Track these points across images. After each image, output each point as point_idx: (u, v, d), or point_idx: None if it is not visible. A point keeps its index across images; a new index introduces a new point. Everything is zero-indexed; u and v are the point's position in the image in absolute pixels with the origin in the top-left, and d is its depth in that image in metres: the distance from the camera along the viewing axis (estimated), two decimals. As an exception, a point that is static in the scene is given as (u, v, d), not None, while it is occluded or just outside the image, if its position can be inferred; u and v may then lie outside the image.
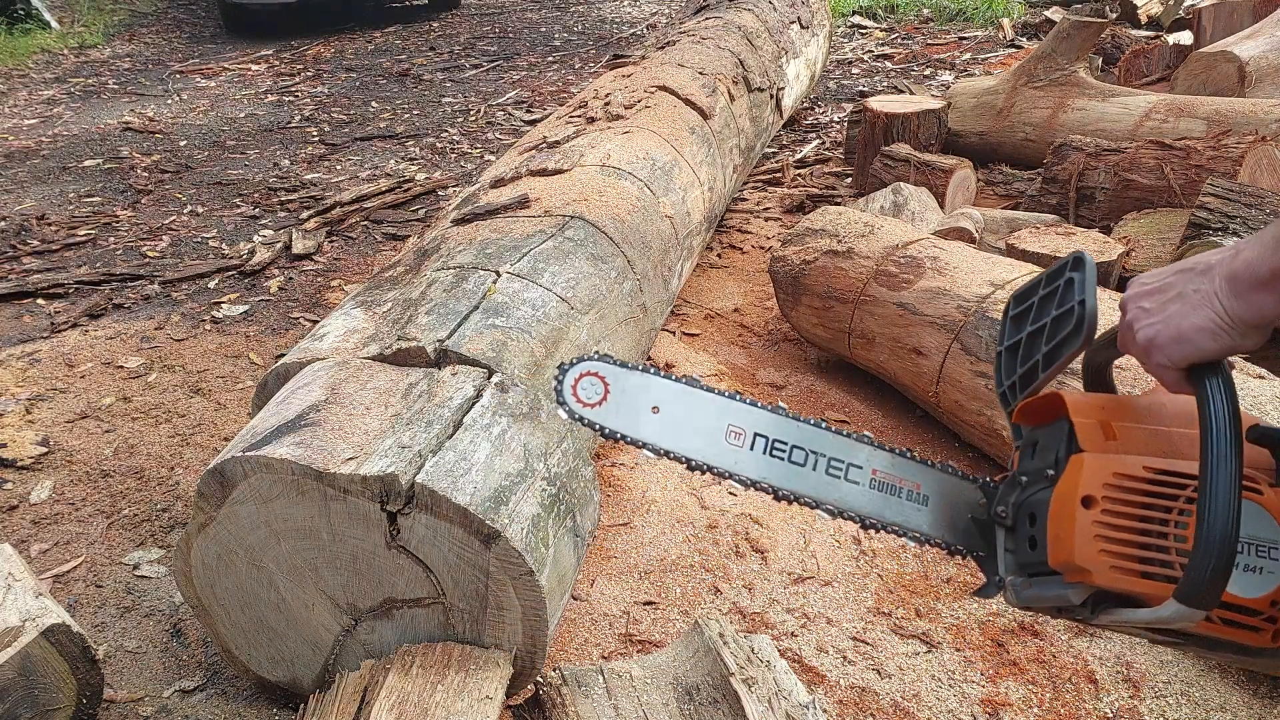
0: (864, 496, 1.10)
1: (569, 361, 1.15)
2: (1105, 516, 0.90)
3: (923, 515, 1.10)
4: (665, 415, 1.12)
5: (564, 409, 1.14)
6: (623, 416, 1.13)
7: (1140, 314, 0.90)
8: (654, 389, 1.13)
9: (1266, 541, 0.89)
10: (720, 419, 1.12)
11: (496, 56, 7.99)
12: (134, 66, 8.05)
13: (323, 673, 1.68)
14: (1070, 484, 0.92)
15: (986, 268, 2.56)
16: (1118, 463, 0.91)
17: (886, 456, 1.12)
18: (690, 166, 3.09)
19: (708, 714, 1.51)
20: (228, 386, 2.97)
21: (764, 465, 1.11)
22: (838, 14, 8.55)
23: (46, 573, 2.15)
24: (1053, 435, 0.99)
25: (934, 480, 1.11)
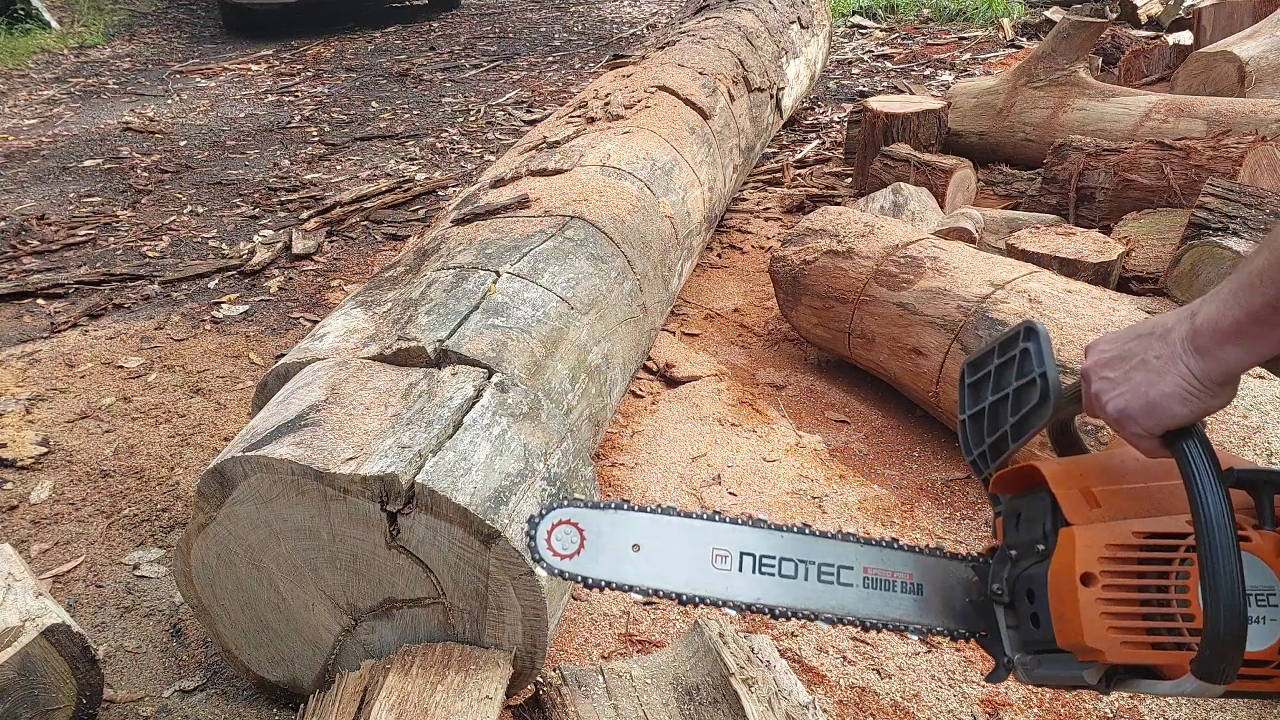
0: (859, 597, 1.07)
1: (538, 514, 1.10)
2: (1107, 592, 0.89)
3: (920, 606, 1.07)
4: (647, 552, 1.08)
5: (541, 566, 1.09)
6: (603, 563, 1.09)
7: (1105, 385, 0.89)
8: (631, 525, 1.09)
9: (1264, 589, 0.87)
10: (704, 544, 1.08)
11: (496, 56, 7.99)
12: (134, 66, 8.05)
13: (323, 673, 1.68)
14: (1065, 562, 0.91)
15: (986, 268, 2.56)
16: (1108, 533, 0.90)
17: (874, 551, 1.09)
18: (690, 166, 3.09)
19: (708, 714, 1.51)
20: (228, 386, 2.97)
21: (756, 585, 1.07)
22: (838, 14, 8.55)
23: (46, 573, 2.15)
24: (1035, 507, 0.98)
25: (924, 567, 1.08)
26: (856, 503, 2.34)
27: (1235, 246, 2.61)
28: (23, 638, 1.54)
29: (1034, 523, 0.98)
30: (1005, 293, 2.42)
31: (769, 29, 4.70)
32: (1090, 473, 0.95)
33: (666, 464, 2.48)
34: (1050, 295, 2.37)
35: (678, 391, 2.84)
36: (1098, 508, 0.93)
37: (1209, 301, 0.82)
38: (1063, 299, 2.34)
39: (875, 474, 2.49)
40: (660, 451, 2.54)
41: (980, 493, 2.39)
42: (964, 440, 1.07)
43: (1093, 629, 0.89)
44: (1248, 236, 2.77)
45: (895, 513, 2.32)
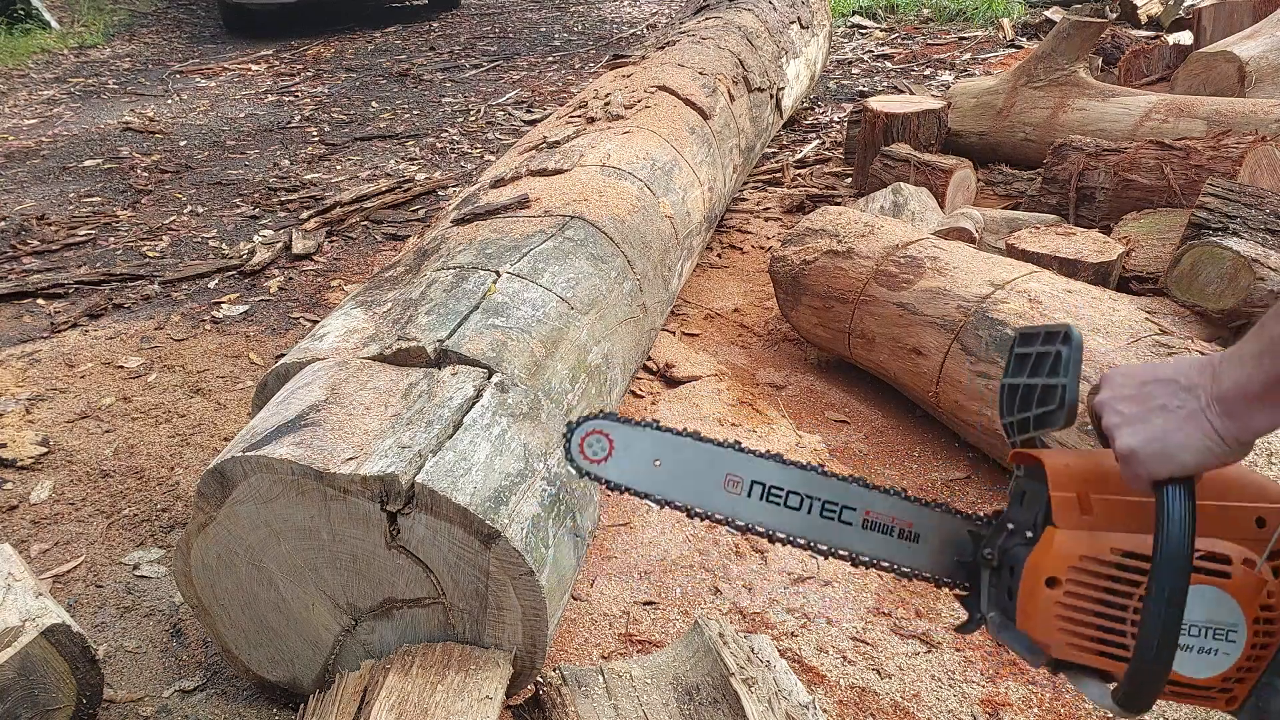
0: (856, 535, 1.14)
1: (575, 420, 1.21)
2: (1067, 598, 0.94)
3: (912, 552, 1.13)
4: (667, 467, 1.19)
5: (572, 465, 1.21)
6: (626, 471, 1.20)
7: (1121, 420, 0.90)
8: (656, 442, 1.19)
9: (1226, 625, 0.91)
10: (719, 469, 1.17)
11: (496, 56, 7.99)
12: (134, 66, 8.05)
13: (323, 673, 1.68)
14: (1038, 560, 0.96)
15: (986, 268, 2.56)
16: (1086, 544, 0.94)
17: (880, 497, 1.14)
18: (690, 166, 3.09)
19: (708, 714, 1.51)
20: (228, 386, 2.97)
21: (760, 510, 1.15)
22: (838, 14, 8.55)
23: (46, 573, 2.15)
24: (1036, 494, 1.02)
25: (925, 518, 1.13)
26: (856, 503, 2.34)
27: (1235, 246, 2.62)
28: (23, 638, 1.54)
29: (1031, 509, 1.02)
30: (1005, 293, 2.42)
31: (769, 29, 4.71)
32: (1095, 478, 0.97)
33: (666, 464, 2.48)
34: (1050, 295, 2.37)
35: (678, 391, 2.84)
36: (1088, 515, 0.96)
37: (1234, 364, 0.83)
38: (1063, 299, 2.34)
39: (875, 474, 2.49)
40: (660, 451, 2.54)
41: (980, 494, 2.39)
42: (1000, 405, 1.11)
43: (1044, 627, 0.95)
44: (1248, 236, 2.77)
45: (895, 513, 2.31)
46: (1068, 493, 0.97)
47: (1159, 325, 2.23)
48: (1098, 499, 0.96)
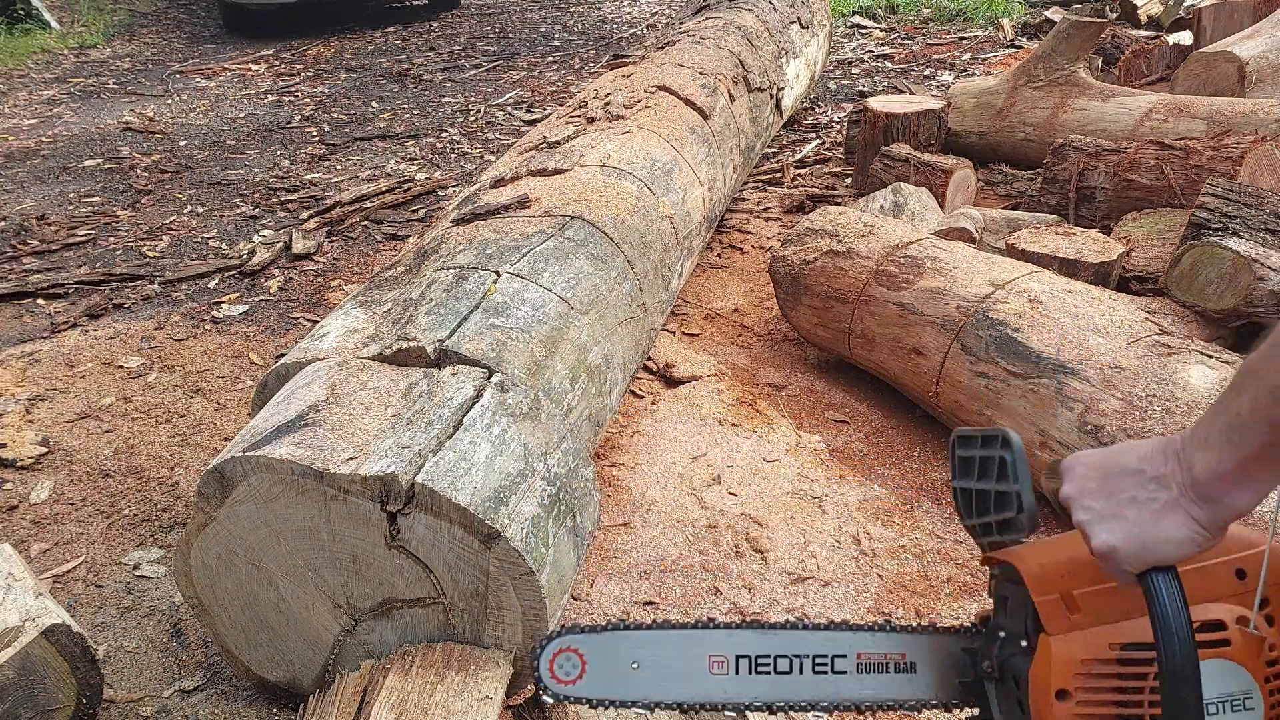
0: (854, 683, 1.09)
1: (539, 642, 1.14)
2: (1080, 708, 0.91)
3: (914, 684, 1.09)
4: (646, 668, 1.11)
5: (546, 694, 1.13)
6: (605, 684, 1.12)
7: (1092, 517, 0.87)
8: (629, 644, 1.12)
9: (1240, 694, 0.89)
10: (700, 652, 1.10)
11: (496, 56, 7.99)
12: (134, 66, 8.05)
13: (323, 673, 1.68)
14: (1042, 674, 0.93)
15: (986, 268, 2.56)
16: (1084, 645, 0.91)
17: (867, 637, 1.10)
18: (690, 166, 3.09)
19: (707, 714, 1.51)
20: (228, 386, 2.97)
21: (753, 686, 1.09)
22: (838, 14, 8.55)
23: (46, 573, 2.15)
24: (1019, 599, 0.99)
25: (916, 645, 1.10)
26: (856, 503, 2.34)
27: (1235, 246, 2.62)
28: (23, 638, 1.54)
29: (1018, 615, 0.99)
30: (1005, 293, 2.42)
31: (769, 29, 4.70)
32: (1073, 571, 0.95)
33: (666, 464, 2.48)
34: (1050, 295, 2.37)
35: (678, 391, 2.84)
36: (1077, 613, 0.93)
37: (1201, 446, 0.80)
38: (1063, 299, 2.34)
39: (875, 474, 2.49)
40: (660, 451, 2.54)
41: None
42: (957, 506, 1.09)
43: None
44: (1248, 236, 2.77)
45: (895, 513, 2.32)
46: (1050, 595, 0.94)
47: (1159, 325, 2.23)
48: (1082, 594, 0.94)
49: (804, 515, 2.30)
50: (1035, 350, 2.24)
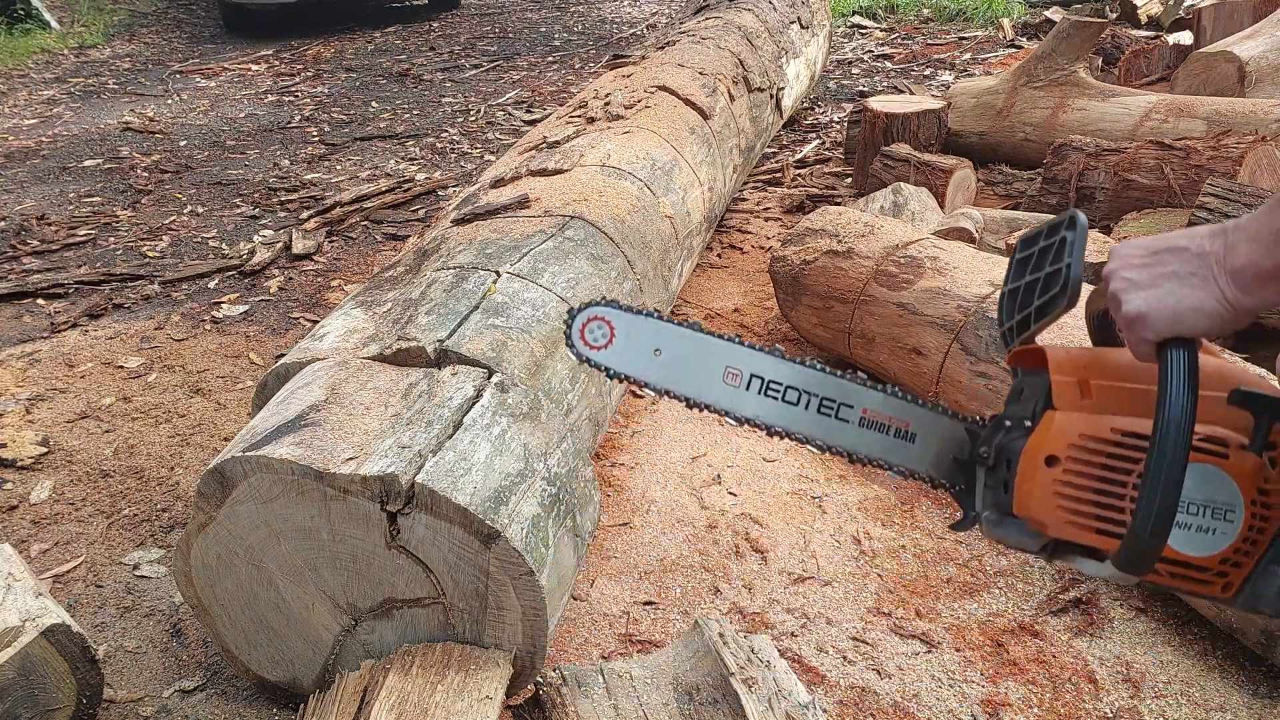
0: (853, 434, 1.16)
1: (578, 306, 1.23)
2: (1066, 476, 0.95)
3: (908, 452, 1.15)
4: (667, 357, 1.19)
5: (572, 350, 1.23)
6: (626, 360, 1.21)
7: (1127, 286, 0.90)
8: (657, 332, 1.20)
9: (1223, 505, 0.92)
10: (719, 361, 1.17)
11: (496, 56, 7.99)
12: (134, 66, 8.05)
13: (323, 673, 1.68)
14: (1038, 441, 0.97)
15: (986, 268, 2.56)
16: (1085, 423, 0.95)
17: (878, 396, 1.16)
18: (690, 166, 3.09)
19: (708, 714, 1.51)
20: (228, 386, 2.97)
21: (759, 404, 1.17)
22: (838, 14, 8.55)
23: (46, 573, 2.15)
24: (1035, 386, 1.03)
25: (922, 418, 1.15)
26: (856, 503, 2.34)
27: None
28: (23, 638, 1.54)
29: (1030, 401, 1.03)
30: (1005, 293, 2.42)
31: (769, 29, 4.70)
32: (1096, 366, 0.99)
33: (666, 464, 2.48)
34: (1050, 295, 2.36)
35: (678, 391, 2.84)
36: (1088, 399, 0.97)
37: (1249, 240, 0.85)
38: (1063, 299, 2.34)
39: (875, 474, 2.50)
40: (660, 451, 2.54)
41: (980, 493, 2.39)
42: (999, 314, 1.10)
43: (1043, 505, 0.97)
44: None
45: (895, 513, 2.32)
46: (1069, 378, 0.98)
47: (1159, 325, 2.23)
48: (1098, 384, 0.97)
49: (804, 515, 2.30)
50: (1035, 350, 2.24)
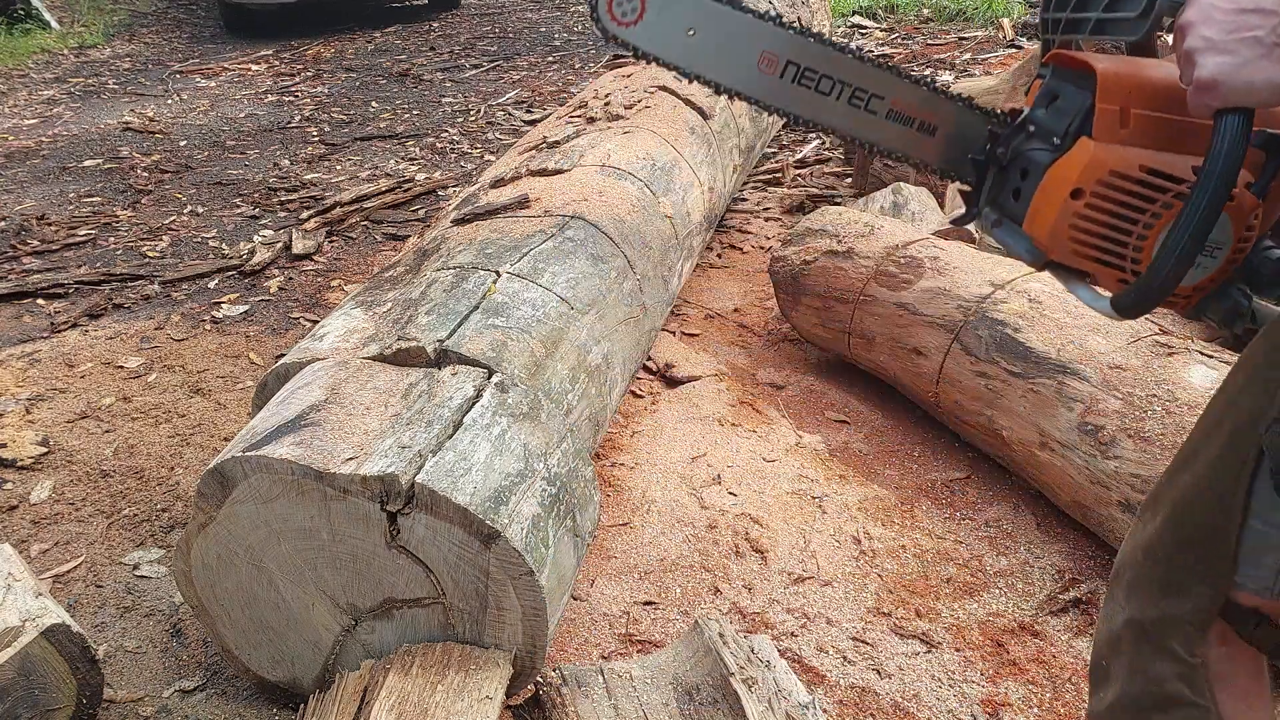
0: (878, 126, 1.16)
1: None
2: (1087, 210, 0.99)
3: (927, 144, 1.16)
4: (701, 37, 1.14)
5: (598, 26, 1.18)
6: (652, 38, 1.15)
7: (1205, 45, 0.84)
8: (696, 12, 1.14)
9: (1215, 244, 0.96)
10: (755, 45, 1.13)
11: (496, 56, 7.99)
12: (134, 66, 8.05)
13: (323, 673, 1.68)
14: (1069, 171, 0.99)
15: (986, 268, 2.56)
16: (1117, 158, 0.97)
17: (908, 87, 1.15)
18: (690, 166, 3.09)
19: (708, 714, 1.51)
20: (228, 386, 2.97)
21: (791, 93, 1.14)
22: (838, 14, 8.55)
23: (46, 573, 2.15)
24: (1073, 100, 1.00)
25: (946, 112, 1.15)
26: (857, 503, 2.34)
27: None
28: (23, 638, 1.54)
29: (1064, 114, 1.01)
30: (1005, 293, 2.42)
31: (769, 29, 4.70)
32: (1140, 89, 0.98)
33: (666, 464, 2.48)
34: (1050, 295, 2.37)
35: (678, 391, 2.85)
36: (1125, 129, 0.97)
37: None
38: (1063, 299, 2.34)
39: (875, 474, 2.50)
40: (660, 451, 2.54)
41: (980, 495, 2.39)
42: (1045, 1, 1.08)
43: (1054, 233, 1.00)
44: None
45: (895, 513, 2.32)
46: (1113, 105, 0.97)
47: (1159, 325, 2.23)
48: (1138, 114, 0.96)
49: (804, 515, 2.30)
50: (1035, 350, 2.24)
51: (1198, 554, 0.99)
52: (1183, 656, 1.00)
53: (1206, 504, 0.97)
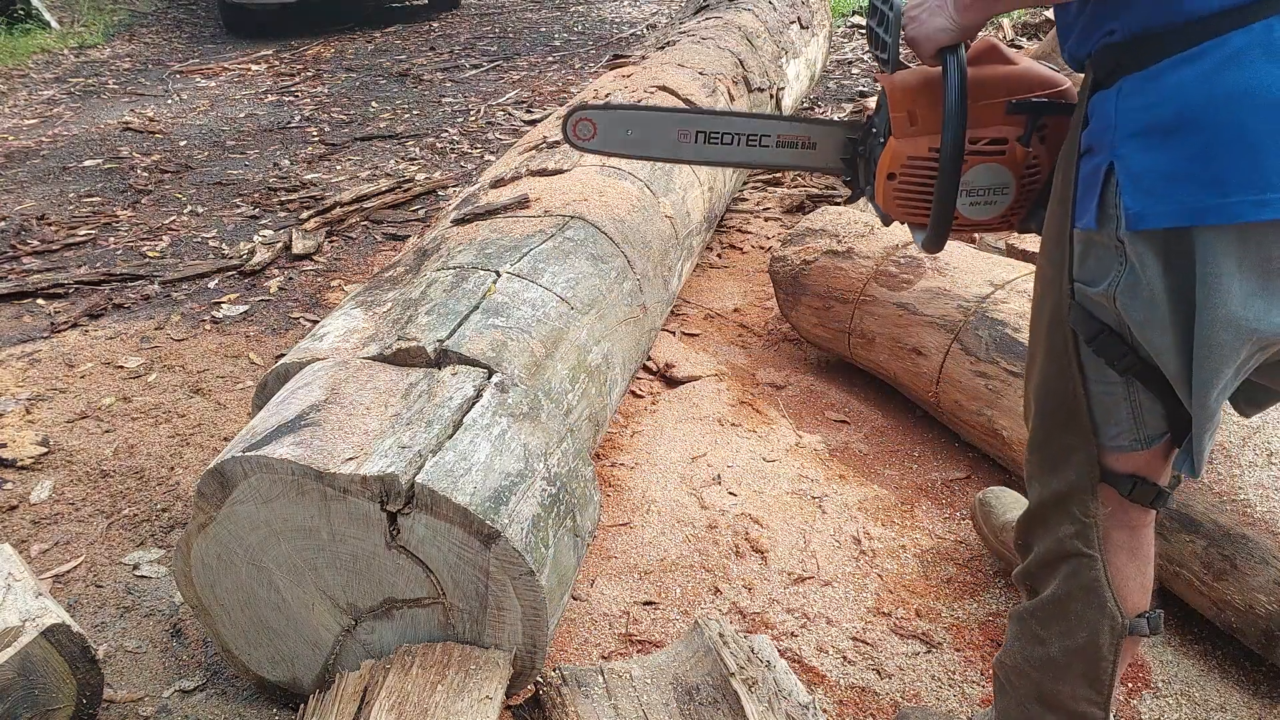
0: (773, 153, 1.58)
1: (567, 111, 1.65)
2: (900, 185, 1.40)
3: (813, 156, 1.57)
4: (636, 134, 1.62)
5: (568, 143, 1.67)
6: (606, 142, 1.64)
7: (909, 21, 1.31)
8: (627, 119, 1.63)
9: (1001, 185, 1.35)
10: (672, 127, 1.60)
11: (496, 56, 7.99)
12: (134, 66, 8.05)
13: (323, 673, 1.68)
14: (885, 162, 1.40)
15: (986, 268, 2.56)
16: (911, 148, 1.37)
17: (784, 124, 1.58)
18: (690, 166, 3.09)
19: (708, 714, 1.51)
20: (228, 386, 2.97)
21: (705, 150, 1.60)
22: (838, 14, 8.55)
23: (46, 573, 2.15)
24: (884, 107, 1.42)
25: (817, 132, 1.56)
26: (856, 502, 2.34)
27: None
28: (23, 638, 1.54)
29: (882, 119, 1.43)
30: (1005, 293, 2.42)
31: (769, 29, 4.70)
32: (919, 95, 1.36)
33: (666, 464, 2.48)
34: (1050, 295, 2.36)
35: (678, 391, 2.85)
36: (915, 125, 1.36)
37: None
38: (1063, 299, 2.34)
39: (875, 474, 2.50)
40: (660, 451, 2.54)
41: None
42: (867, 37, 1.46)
43: (888, 202, 1.43)
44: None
45: (895, 512, 2.32)
46: (901, 112, 1.37)
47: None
48: (921, 112, 1.36)
49: (804, 515, 2.30)
50: (1035, 350, 2.24)
51: (1067, 431, 1.23)
52: (1079, 518, 1.26)
53: (1056, 387, 1.23)
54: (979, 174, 1.33)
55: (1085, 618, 1.28)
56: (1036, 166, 1.33)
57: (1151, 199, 1.01)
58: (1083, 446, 1.21)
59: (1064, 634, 1.31)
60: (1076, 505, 1.25)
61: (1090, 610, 1.28)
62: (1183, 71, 0.99)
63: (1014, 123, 1.31)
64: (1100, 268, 1.11)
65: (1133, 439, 1.19)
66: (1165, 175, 1.00)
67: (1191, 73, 0.98)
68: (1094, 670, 1.31)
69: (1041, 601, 1.34)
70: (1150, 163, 1.01)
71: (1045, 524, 1.31)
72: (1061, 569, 1.29)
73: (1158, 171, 1.00)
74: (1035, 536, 1.34)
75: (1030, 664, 1.37)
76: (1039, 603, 1.35)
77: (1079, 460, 1.23)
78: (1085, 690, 1.33)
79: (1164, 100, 1.00)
